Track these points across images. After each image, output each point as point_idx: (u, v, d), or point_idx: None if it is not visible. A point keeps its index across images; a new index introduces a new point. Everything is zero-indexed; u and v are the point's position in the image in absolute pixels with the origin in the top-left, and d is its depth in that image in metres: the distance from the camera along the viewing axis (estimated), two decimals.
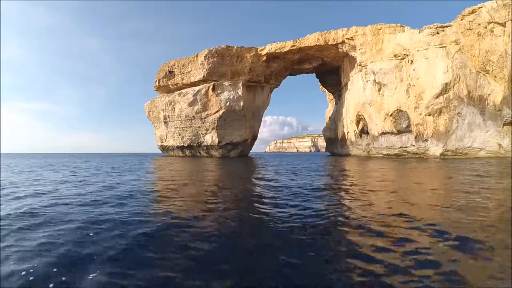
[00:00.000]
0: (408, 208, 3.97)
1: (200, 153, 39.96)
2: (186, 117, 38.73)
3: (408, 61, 24.52)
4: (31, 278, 1.98)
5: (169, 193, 5.80)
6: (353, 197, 5.19)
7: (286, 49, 34.11)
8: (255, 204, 4.50)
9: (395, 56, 25.87)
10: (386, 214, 3.72)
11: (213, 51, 35.27)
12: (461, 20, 20.74)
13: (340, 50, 32.41)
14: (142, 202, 4.85)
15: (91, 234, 2.99)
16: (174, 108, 39.86)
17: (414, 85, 23.72)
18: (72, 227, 3.24)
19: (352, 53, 31.24)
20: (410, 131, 25.10)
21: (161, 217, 3.66)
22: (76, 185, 7.48)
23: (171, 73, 40.07)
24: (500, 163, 14.02)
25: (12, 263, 2.25)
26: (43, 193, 5.95)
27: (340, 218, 3.51)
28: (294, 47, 33.67)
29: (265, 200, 4.93)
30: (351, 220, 3.44)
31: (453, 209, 4.03)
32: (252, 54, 35.31)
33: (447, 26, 22.13)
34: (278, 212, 3.96)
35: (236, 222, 3.40)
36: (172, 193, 5.81)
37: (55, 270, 2.11)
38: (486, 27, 19.03)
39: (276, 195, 5.37)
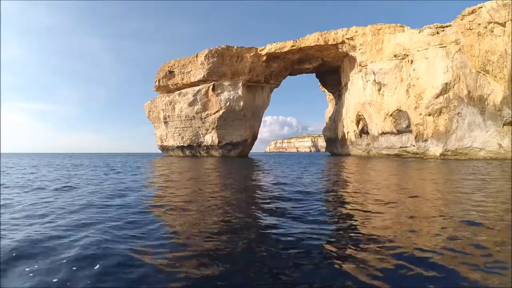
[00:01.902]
0: None
1: (200, 153, 39.95)
2: (186, 117, 38.73)
3: (408, 61, 24.51)
4: None
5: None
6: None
7: (286, 49, 34.12)
8: None
9: (395, 56, 25.87)
10: None
11: (213, 51, 35.27)
12: (461, 20, 20.73)
13: (340, 50, 32.41)
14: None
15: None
16: (174, 108, 39.86)
17: (414, 85, 23.71)
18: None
19: (352, 53, 31.24)
20: (410, 131, 25.10)
21: None
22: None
23: (171, 73, 40.07)
24: (500, 165, 14.00)
25: None
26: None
27: None
28: (294, 47, 33.67)
29: None
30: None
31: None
32: (252, 54, 35.31)
33: (447, 26, 22.12)
34: None
35: None
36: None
37: None
38: (486, 27, 19.02)
39: None
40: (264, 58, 35.47)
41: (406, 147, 26.31)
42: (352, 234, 3.04)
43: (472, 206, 4.31)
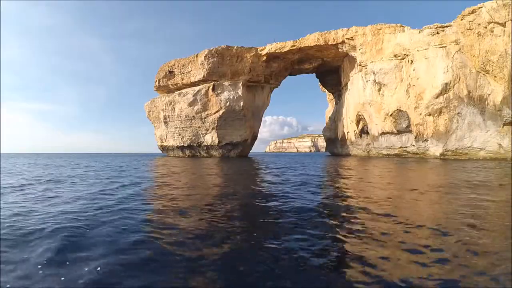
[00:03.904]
0: None
1: (200, 153, 39.94)
2: (186, 117, 38.72)
3: (408, 61, 24.51)
4: None
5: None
6: None
7: (286, 49, 34.10)
8: None
9: (395, 56, 25.86)
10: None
11: (213, 51, 35.26)
12: (461, 20, 20.72)
13: (340, 50, 32.40)
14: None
15: None
16: (174, 108, 39.85)
17: (414, 85, 23.71)
18: None
19: (352, 53, 31.23)
20: (410, 131, 25.09)
21: None
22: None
23: (171, 73, 40.05)
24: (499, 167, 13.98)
25: None
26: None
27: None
28: (294, 47, 33.66)
29: None
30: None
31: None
32: (252, 54, 35.29)
33: (447, 26, 22.12)
34: None
35: None
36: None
37: None
38: (486, 27, 19.01)
39: None
40: (264, 58, 35.46)
41: (406, 147, 26.30)
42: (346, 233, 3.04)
43: (468, 206, 4.31)
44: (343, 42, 31.18)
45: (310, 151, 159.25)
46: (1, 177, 9.33)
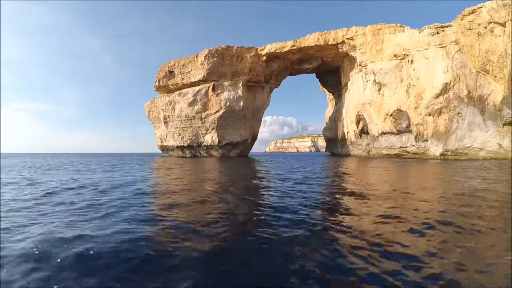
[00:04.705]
0: None
1: (200, 153, 39.94)
2: (186, 117, 38.72)
3: (408, 61, 24.50)
4: None
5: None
6: None
7: (286, 49, 34.10)
8: None
9: (395, 56, 25.85)
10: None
11: (213, 51, 35.25)
12: (461, 20, 20.72)
13: (340, 50, 32.39)
14: None
15: None
16: (174, 108, 39.85)
17: (414, 85, 23.70)
18: None
19: (352, 53, 31.22)
20: (410, 131, 25.07)
21: None
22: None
23: (171, 73, 40.05)
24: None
25: None
26: None
27: None
28: (294, 47, 33.66)
29: None
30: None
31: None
32: (252, 54, 35.29)
33: (447, 26, 22.11)
34: None
35: None
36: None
37: None
38: (486, 27, 19.01)
39: None
40: (264, 58, 35.46)
41: (406, 147, 26.28)
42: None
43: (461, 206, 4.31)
44: (343, 42, 31.17)
45: (310, 151, 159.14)
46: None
